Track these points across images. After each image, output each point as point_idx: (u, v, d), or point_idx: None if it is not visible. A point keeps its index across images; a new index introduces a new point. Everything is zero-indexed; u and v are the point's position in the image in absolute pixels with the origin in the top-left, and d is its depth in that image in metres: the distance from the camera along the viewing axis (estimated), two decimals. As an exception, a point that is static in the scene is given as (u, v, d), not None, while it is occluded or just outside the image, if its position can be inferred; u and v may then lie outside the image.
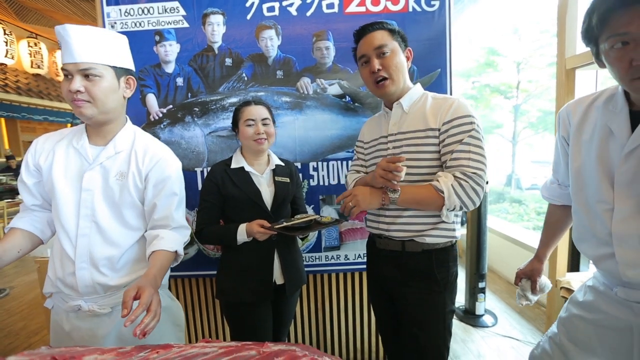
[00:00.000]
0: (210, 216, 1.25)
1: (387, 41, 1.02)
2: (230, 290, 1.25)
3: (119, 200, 0.97)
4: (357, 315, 1.83)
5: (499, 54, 8.35)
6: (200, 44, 1.62)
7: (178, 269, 1.73)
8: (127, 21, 1.61)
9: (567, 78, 1.39)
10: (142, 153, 1.00)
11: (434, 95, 1.08)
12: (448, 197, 0.92)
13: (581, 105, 0.87)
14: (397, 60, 1.03)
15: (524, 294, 1.15)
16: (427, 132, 1.01)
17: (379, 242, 1.13)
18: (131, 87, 0.99)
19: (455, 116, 0.97)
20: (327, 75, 1.65)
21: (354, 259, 1.75)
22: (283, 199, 1.28)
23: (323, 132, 1.66)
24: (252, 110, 1.24)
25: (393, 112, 1.09)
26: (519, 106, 8.49)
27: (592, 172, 0.83)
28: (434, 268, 1.03)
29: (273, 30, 1.62)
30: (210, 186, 1.24)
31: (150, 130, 1.65)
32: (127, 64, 0.98)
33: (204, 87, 1.65)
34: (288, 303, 1.35)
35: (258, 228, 1.14)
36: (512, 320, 2.32)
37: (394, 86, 1.04)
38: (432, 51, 1.63)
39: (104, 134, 0.98)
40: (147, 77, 1.63)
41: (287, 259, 1.29)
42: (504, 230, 3.16)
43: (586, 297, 0.93)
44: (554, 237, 1.13)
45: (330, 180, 1.70)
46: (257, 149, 1.25)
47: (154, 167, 0.99)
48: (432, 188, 0.94)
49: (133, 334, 0.72)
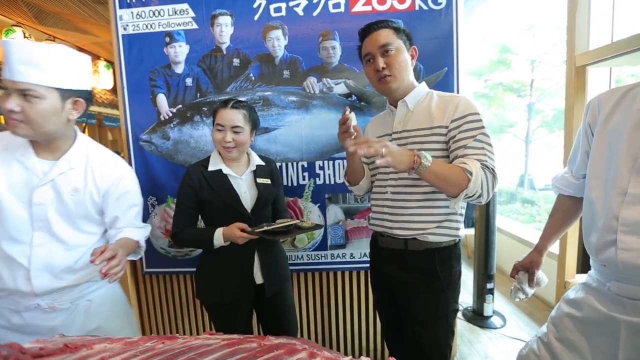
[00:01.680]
0: (186, 219, 1.22)
1: (391, 40, 1.03)
2: (210, 291, 1.25)
3: (74, 213, 0.98)
4: (363, 313, 1.84)
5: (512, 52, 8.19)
6: (208, 45, 1.65)
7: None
8: (138, 23, 1.65)
9: (577, 76, 1.36)
10: (99, 170, 1.02)
11: (439, 94, 1.08)
12: (475, 180, 0.89)
13: (615, 94, 0.87)
14: (401, 58, 1.04)
15: (520, 286, 1.13)
16: (432, 129, 1.01)
17: (381, 240, 1.13)
18: (79, 110, 0.95)
19: (465, 113, 0.97)
20: (333, 74, 1.66)
21: (360, 257, 1.75)
22: (265, 202, 1.26)
23: (329, 131, 1.67)
24: (224, 115, 1.17)
25: (398, 110, 1.09)
26: (533, 105, 8.30)
27: (615, 158, 0.82)
28: (436, 266, 1.04)
29: (280, 31, 1.63)
30: (186, 189, 1.21)
31: (160, 130, 1.69)
32: (78, 84, 0.93)
33: (212, 87, 1.68)
34: (277, 302, 1.31)
35: (239, 233, 1.11)
36: (520, 322, 2.28)
37: (396, 83, 1.05)
38: (439, 50, 1.62)
39: (51, 149, 0.96)
40: (157, 78, 1.67)
41: (267, 258, 1.27)
42: (514, 230, 3.11)
43: (577, 295, 0.93)
44: (558, 230, 1.12)
45: (336, 179, 1.71)
46: (225, 155, 1.22)
47: (113, 184, 1.03)
48: (460, 168, 0.91)
49: (100, 272, 0.81)
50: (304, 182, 1.72)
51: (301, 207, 1.74)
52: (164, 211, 1.75)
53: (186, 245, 1.29)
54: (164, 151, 1.71)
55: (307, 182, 1.72)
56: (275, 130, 1.68)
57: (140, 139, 1.70)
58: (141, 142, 1.70)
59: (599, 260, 0.86)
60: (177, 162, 1.71)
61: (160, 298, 1.88)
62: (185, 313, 1.89)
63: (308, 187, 1.72)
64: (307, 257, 1.76)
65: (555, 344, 0.93)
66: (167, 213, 1.75)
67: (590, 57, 1.31)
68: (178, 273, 1.83)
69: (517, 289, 1.14)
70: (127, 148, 1.71)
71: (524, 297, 1.13)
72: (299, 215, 1.73)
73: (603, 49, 1.26)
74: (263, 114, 1.67)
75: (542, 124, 8.45)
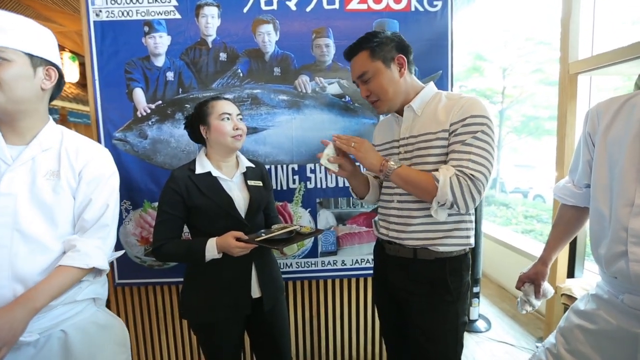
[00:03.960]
0: (171, 230, 1.09)
1: (366, 66, 0.98)
2: (201, 309, 1.12)
3: (52, 201, 0.85)
4: (354, 324, 1.77)
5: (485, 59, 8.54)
6: (192, 37, 1.53)
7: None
8: (113, 10, 1.50)
9: (570, 83, 1.38)
10: (75, 151, 0.90)
11: (447, 95, 1.02)
12: (442, 187, 0.87)
13: (614, 104, 0.86)
14: (380, 81, 0.98)
15: (527, 299, 1.12)
16: (437, 134, 0.96)
17: (388, 247, 1.08)
18: (51, 78, 0.87)
19: (464, 116, 0.92)
20: (326, 73, 1.59)
21: (352, 264, 1.69)
22: (258, 205, 1.18)
23: (321, 132, 1.60)
24: (224, 105, 1.12)
25: (405, 116, 1.04)
26: (504, 111, 8.69)
27: (618, 168, 0.82)
28: (447, 277, 0.99)
29: (271, 25, 1.54)
30: (171, 195, 1.09)
31: (137, 127, 1.54)
32: (48, 55, 0.87)
33: (196, 82, 1.55)
34: (274, 316, 1.22)
35: (236, 243, 1.01)
36: (505, 325, 2.32)
37: (386, 105, 1.02)
38: (433, 52, 1.59)
39: (21, 131, 0.86)
40: (134, 70, 1.53)
41: (264, 270, 1.18)
42: (494, 234, 3.19)
43: (588, 306, 0.91)
44: (562, 240, 1.11)
45: (328, 183, 1.64)
46: (234, 146, 1.13)
47: (88, 164, 0.90)
48: (430, 176, 0.91)
49: None
50: (294, 186, 1.63)
51: (291, 212, 1.65)
52: (140, 216, 1.60)
53: (172, 259, 1.13)
54: (141, 151, 1.56)
55: (297, 185, 1.63)
56: (264, 130, 1.59)
57: (113, 137, 1.54)
58: (114, 141, 1.55)
59: (610, 272, 0.85)
60: (155, 163, 1.57)
61: (134, 313, 1.72)
62: (162, 329, 1.74)
63: (298, 191, 1.64)
64: (297, 264, 1.67)
65: (566, 356, 0.91)
66: (142, 219, 1.60)
67: (584, 66, 1.33)
68: (155, 284, 1.68)
69: (524, 301, 1.11)
70: (98, 147, 1.55)
71: (531, 309, 1.11)
72: (289, 220, 1.65)
73: (598, 57, 1.28)
74: (251, 113, 1.57)
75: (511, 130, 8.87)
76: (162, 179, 1.53)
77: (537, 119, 8.34)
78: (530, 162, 8.54)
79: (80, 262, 0.83)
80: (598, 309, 0.87)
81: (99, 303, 0.96)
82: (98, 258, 0.87)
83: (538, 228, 4.34)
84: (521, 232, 3.94)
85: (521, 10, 7.57)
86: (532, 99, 8.29)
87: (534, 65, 7.89)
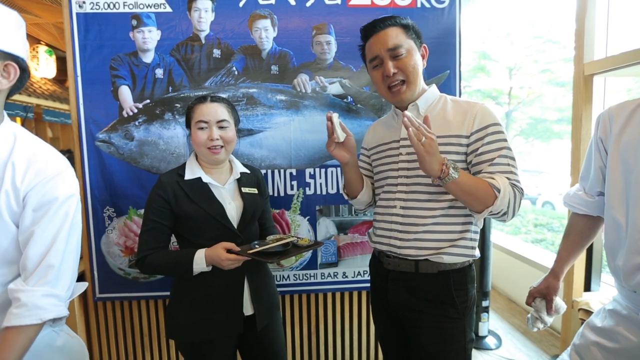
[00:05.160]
0: (157, 240, 1.08)
1: (402, 40, 0.97)
2: (188, 327, 1.09)
3: None
4: (355, 340, 1.76)
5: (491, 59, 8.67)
6: (184, 32, 1.53)
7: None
8: (98, 1, 1.49)
9: (586, 85, 1.41)
10: (24, 166, 0.78)
11: (453, 99, 1.05)
12: (502, 197, 0.87)
13: (627, 108, 0.88)
14: (414, 61, 0.99)
15: (538, 315, 1.11)
16: (449, 138, 0.97)
17: (387, 262, 1.06)
18: (10, 77, 0.78)
19: (486, 124, 0.94)
20: (327, 72, 1.60)
21: (353, 276, 1.69)
22: (252, 215, 1.16)
23: (321, 135, 1.60)
24: (204, 110, 1.07)
25: None
26: (511, 113, 8.81)
27: (634, 175, 0.83)
28: (452, 292, 0.98)
29: (268, 21, 1.55)
30: (158, 203, 1.07)
31: (122, 128, 1.53)
32: (7, 46, 0.77)
33: (187, 80, 1.55)
34: (269, 335, 1.20)
35: (226, 255, 0.99)
36: (516, 342, 2.32)
37: (411, 91, 1.01)
38: (441, 51, 1.62)
39: None
40: (120, 67, 1.52)
41: (258, 285, 1.16)
42: (503, 243, 3.21)
43: (606, 323, 0.92)
44: (574, 251, 1.11)
45: (329, 189, 1.64)
46: (211, 159, 1.11)
47: (37, 186, 0.78)
48: (487, 184, 0.89)
49: None
50: (292, 192, 1.63)
51: (288, 220, 1.64)
52: (124, 225, 1.58)
53: (157, 272, 1.10)
54: (126, 153, 1.55)
55: (295, 192, 1.63)
56: (260, 132, 1.58)
57: (96, 139, 1.53)
58: (97, 142, 1.53)
59: (629, 285, 0.85)
60: (142, 167, 1.56)
61: (116, 330, 1.69)
62: (147, 347, 1.71)
63: (296, 198, 1.64)
64: (295, 277, 1.67)
65: None
66: (127, 227, 1.58)
67: (599, 67, 1.35)
68: (140, 299, 1.65)
69: (535, 318, 1.11)
70: (80, 148, 1.53)
71: (543, 326, 1.10)
72: (286, 230, 1.64)
73: (615, 58, 1.31)
74: (247, 113, 1.57)
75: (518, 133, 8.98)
76: (149, 184, 1.51)
77: (545, 121, 8.47)
78: (539, 167, 8.64)
79: (30, 318, 0.74)
80: (617, 325, 0.88)
81: (57, 323, 0.89)
82: (51, 308, 0.77)
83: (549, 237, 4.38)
84: (531, 242, 3.97)
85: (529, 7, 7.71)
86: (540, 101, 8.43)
87: (542, 65, 8.03)
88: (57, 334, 0.89)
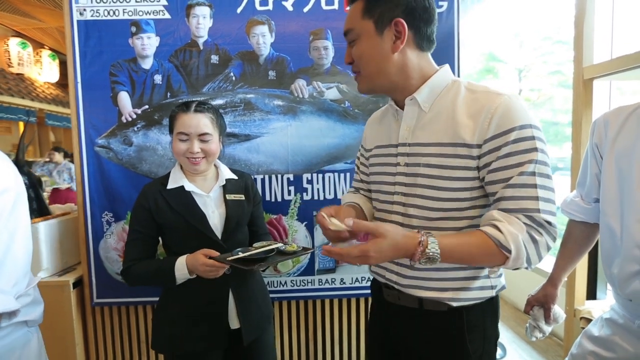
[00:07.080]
0: (141, 250, 1.09)
1: (354, 23, 0.78)
2: (169, 338, 1.11)
3: None
4: (354, 348, 1.78)
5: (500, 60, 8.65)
6: (183, 38, 1.58)
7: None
8: (99, 8, 1.55)
9: (585, 88, 1.42)
10: None
11: (470, 87, 0.78)
12: (515, 257, 0.67)
13: (621, 114, 0.90)
14: (364, 48, 0.78)
15: (536, 324, 1.12)
16: (455, 148, 0.74)
17: (387, 292, 0.89)
18: None
19: (506, 127, 0.69)
20: (324, 77, 1.63)
21: (351, 283, 1.71)
22: (237, 223, 1.15)
23: (319, 140, 1.63)
24: (187, 121, 1.06)
25: (406, 112, 0.82)
26: (521, 116, 8.75)
27: (628, 182, 0.84)
28: (464, 334, 0.80)
29: (266, 26, 1.59)
30: (141, 212, 1.09)
31: (121, 133, 1.58)
32: None
33: (185, 86, 1.60)
34: (257, 350, 1.18)
35: (203, 260, 0.97)
36: (522, 352, 2.32)
37: (365, 83, 0.83)
38: (439, 55, 1.61)
39: None
40: (120, 73, 1.57)
41: (244, 295, 1.14)
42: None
43: (602, 332, 0.93)
44: (572, 259, 1.12)
45: (326, 195, 1.67)
46: (191, 169, 1.11)
47: None
48: (488, 241, 0.68)
49: None
50: (289, 198, 1.66)
51: (285, 226, 1.67)
52: (123, 230, 1.62)
53: (141, 281, 1.10)
54: (125, 159, 1.59)
55: (292, 197, 1.66)
56: (257, 138, 1.62)
57: (95, 144, 1.58)
58: (97, 148, 1.58)
59: (624, 293, 0.86)
60: (140, 172, 1.60)
61: (113, 335, 1.73)
62: (144, 352, 1.74)
63: (294, 204, 1.67)
64: (291, 283, 1.69)
65: None
66: (125, 232, 1.62)
67: (599, 70, 1.37)
68: (137, 304, 1.69)
69: (533, 327, 1.11)
70: (79, 154, 1.58)
71: (541, 335, 1.11)
72: (283, 235, 1.67)
73: (613, 62, 1.32)
74: (244, 119, 1.61)
75: (529, 136, 8.92)
76: (147, 189, 1.56)
77: (556, 124, 8.41)
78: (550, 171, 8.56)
79: None
80: (613, 334, 0.89)
81: (31, 323, 0.91)
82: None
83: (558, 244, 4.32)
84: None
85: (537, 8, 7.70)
86: (550, 103, 8.38)
87: (552, 67, 7.99)
88: (31, 334, 0.93)
